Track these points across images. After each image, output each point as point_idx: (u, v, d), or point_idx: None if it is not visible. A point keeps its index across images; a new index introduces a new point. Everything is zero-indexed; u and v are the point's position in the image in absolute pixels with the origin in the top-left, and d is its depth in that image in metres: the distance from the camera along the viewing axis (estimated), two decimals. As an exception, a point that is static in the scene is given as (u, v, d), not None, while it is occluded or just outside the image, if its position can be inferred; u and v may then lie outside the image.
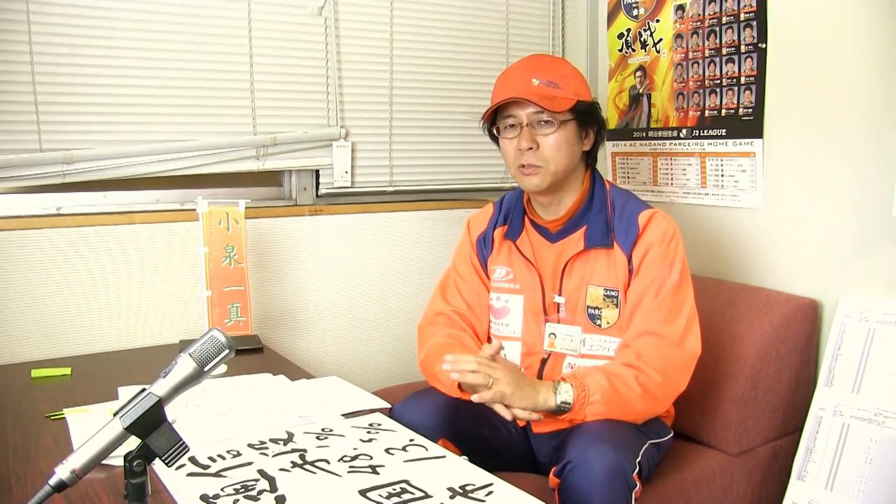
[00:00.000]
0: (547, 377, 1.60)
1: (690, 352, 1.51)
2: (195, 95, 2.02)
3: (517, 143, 1.57)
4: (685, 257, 1.56)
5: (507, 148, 1.61)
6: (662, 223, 1.56)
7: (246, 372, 1.71)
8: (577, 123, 1.58)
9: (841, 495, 1.66)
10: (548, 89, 1.54)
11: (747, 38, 2.00)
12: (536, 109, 1.54)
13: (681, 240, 1.57)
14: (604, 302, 1.56)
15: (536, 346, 1.63)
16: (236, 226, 1.98)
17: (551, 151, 1.55)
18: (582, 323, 1.58)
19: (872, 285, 1.79)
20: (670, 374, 1.47)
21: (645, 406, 1.47)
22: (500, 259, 1.70)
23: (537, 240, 1.66)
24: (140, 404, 0.85)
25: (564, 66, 1.64)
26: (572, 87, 1.57)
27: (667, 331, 1.48)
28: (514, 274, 1.67)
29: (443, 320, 1.71)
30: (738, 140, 2.06)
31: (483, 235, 1.73)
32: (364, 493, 1.06)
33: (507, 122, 1.59)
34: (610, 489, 1.29)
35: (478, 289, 1.72)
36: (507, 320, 1.68)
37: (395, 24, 2.29)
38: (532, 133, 1.55)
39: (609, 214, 1.59)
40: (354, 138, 2.26)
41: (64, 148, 1.88)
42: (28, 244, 1.87)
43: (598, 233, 1.58)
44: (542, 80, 1.54)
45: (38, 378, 1.71)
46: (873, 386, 1.69)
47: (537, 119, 1.55)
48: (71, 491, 0.86)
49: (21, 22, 1.80)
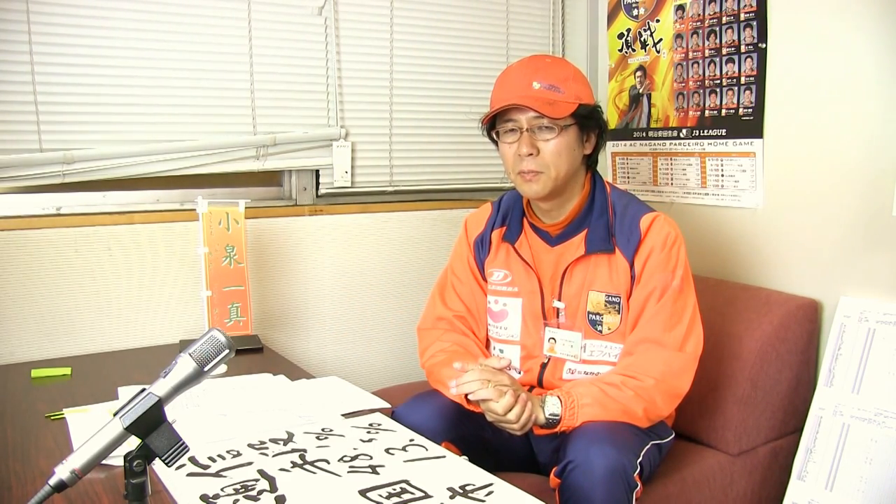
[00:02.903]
0: (547, 382, 1.60)
1: (691, 353, 1.51)
2: (195, 95, 2.02)
3: (517, 149, 1.53)
4: (687, 261, 1.55)
5: (506, 153, 1.57)
6: (664, 228, 1.53)
7: (246, 372, 1.71)
8: (579, 128, 1.55)
9: (841, 495, 1.66)
10: (549, 93, 1.50)
11: (747, 38, 2.00)
12: (537, 115, 1.50)
13: (683, 243, 1.55)
14: (605, 308, 1.55)
15: (536, 350, 1.62)
16: (236, 226, 1.98)
17: (552, 157, 1.52)
18: (583, 329, 1.57)
19: (872, 285, 1.79)
20: (666, 378, 1.46)
21: (643, 408, 1.45)
22: (498, 262, 1.68)
23: (537, 243, 1.64)
24: (140, 404, 0.85)
25: (566, 69, 1.59)
26: (574, 91, 1.53)
27: (667, 338, 1.48)
28: (513, 277, 1.65)
29: (444, 325, 1.70)
30: (738, 140, 2.06)
31: (481, 237, 1.71)
32: (364, 493, 1.06)
33: (506, 126, 1.55)
34: (611, 489, 1.29)
35: (475, 291, 1.71)
36: (505, 324, 1.66)
37: (395, 24, 2.29)
38: (532, 138, 1.52)
39: (610, 219, 1.57)
40: (354, 138, 2.26)
41: (64, 148, 1.88)
42: (28, 244, 1.87)
43: (598, 238, 1.55)
44: (544, 84, 1.51)
45: (38, 378, 1.71)
46: (873, 386, 1.69)
47: (538, 124, 1.51)
48: (71, 491, 0.86)
49: (21, 22, 1.80)
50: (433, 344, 1.66)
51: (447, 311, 1.71)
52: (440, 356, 1.62)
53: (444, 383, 1.54)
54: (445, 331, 1.69)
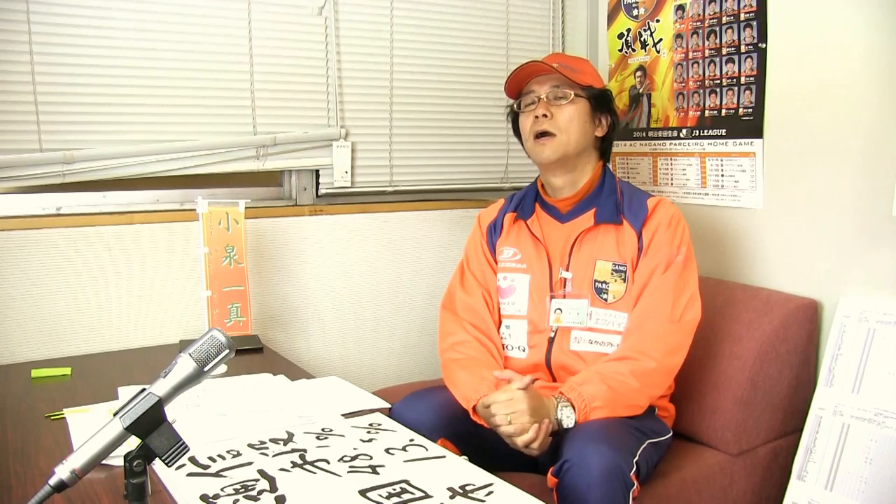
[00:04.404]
0: (555, 359, 1.64)
1: (689, 322, 1.59)
2: (195, 95, 2.02)
3: (534, 112, 1.70)
4: (690, 242, 1.65)
5: (524, 122, 1.74)
6: (669, 208, 1.66)
7: (246, 372, 1.71)
8: (591, 105, 1.71)
9: (841, 495, 1.66)
10: (566, 70, 1.68)
11: (747, 38, 2.00)
12: (554, 84, 1.69)
13: (686, 226, 1.66)
14: (611, 276, 1.63)
15: (543, 324, 1.67)
16: (236, 226, 1.98)
17: (565, 122, 1.67)
18: (588, 297, 1.64)
19: (872, 285, 1.79)
20: (666, 357, 1.55)
21: (647, 395, 1.55)
22: (509, 240, 1.77)
23: (547, 220, 1.74)
24: (140, 404, 0.85)
25: (582, 61, 1.81)
26: (589, 74, 1.74)
27: (668, 310, 1.56)
28: (522, 254, 1.73)
29: (466, 315, 1.74)
30: (738, 140, 2.06)
31: (493, 223, 1.82)
32: (364, 493, 1.06)
33: (527, 98, 1.73)
34: (607, 489, 1.29)
35: (489, 277, 1.78)
36: (512, 299, 1.73)
37: (395, 24, 2.29)
38: (548, 105, 1.69)
39: (619, 198, 1.68)
40: (354, 138, 2.26)
41: (64, 148, 1.88)
42: (28, 244, 1.87)
43: (608, 212, 1.67)
44: (561, 64, 1.69)
45: (38, 378, 1.71)
46: (873, 386, 1.69)
47: (554, 94, 1.69)
48: (71, 491, 0.86)
49: (21, 22, 1.80)
50: (454, 334, 1.72)
51: (467, 297, 1.76)
52: (460, 360, 1.66)
53: (456, 385, 1.60)
54: (469, 325, 1.72)
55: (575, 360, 1.62)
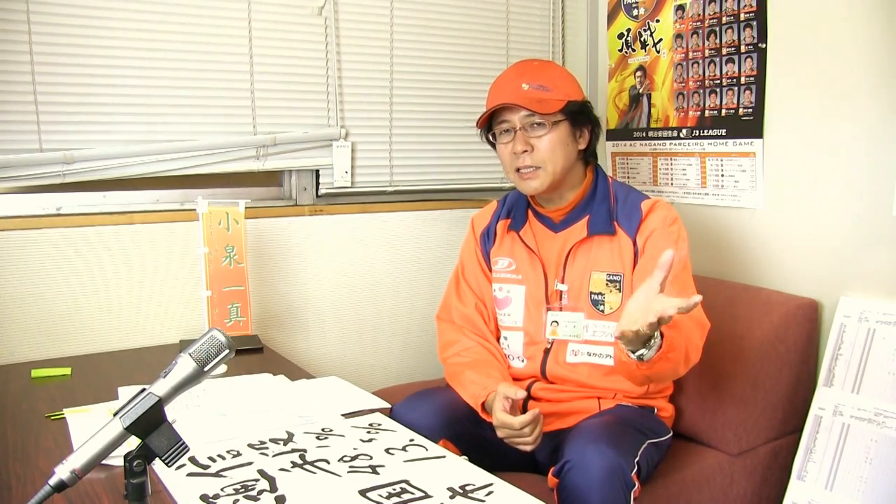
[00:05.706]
0: (550, 370, 1.63)
1: (706, 325, 1.52)
2: (195, 95, 2.02)
3: (512, 147, 1.61)
4: (688, 240, 1.61)
5: (503, 153, 1.65)
6: (663, 210, 1.61)
7: (246, 372, 1.71)
8: (571, 123, 1.62)
9: (841, 495, 1.66)
10: (537, 93, 1.57)
11: (747, 38, 2.00)
12: (527, 113, 1.57)
13: (682, 226, 1.61)
14: (606, 287, 1.59)
15: (539, 336, 1.65)
16: (236, 226, 1.98)
17: (546, 153, 1.59)
18: (585, 309, 1.61)
19: (872, 285, 1.79)
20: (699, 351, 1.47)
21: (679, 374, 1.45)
22: (503, 250, 1.73)
23: (540, 230, 1.69)
24: (140, 404, 0.85)
25: (553, 69, 1.68)
26: (562, 89, 1.61)
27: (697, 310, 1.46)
28: (517, 265, 1.70)
29: (465, 324, 1.73)
30: (738, 140, 2.06)
31: (487, 229, 1.78)
32: (364, 493, 1.06)
33: (501, 127, 1.63)
34: (608, 489, 1.29)
35: (484, 286, 1.75)
36: (508, 310, 1.71)
37: (395, 24, 2.29)
38: (526, 136, 1.60)
39: (612, 204, 1.63)
40: (354, 138, 2.26)
41: (64, 148, 1.88)
42: (28, 244, 1.87)
43: (601, 221, 1.62)
44: (532, 84, 1.58)
45: (38, 378, 1.71)
46: (873, 386, 1.69)
47: (530, 122, 1.59)
48: (71, 491, 0.86)
49: (21, 22, 1.80)
50: (458, 342, 1.70)
51: (463, 307, 1.74)
52: (463, 356, 1.66)
53: (464, 385, 1.59)
54: (469, 330, 1.72)
55: (570, 371, 1.62)
